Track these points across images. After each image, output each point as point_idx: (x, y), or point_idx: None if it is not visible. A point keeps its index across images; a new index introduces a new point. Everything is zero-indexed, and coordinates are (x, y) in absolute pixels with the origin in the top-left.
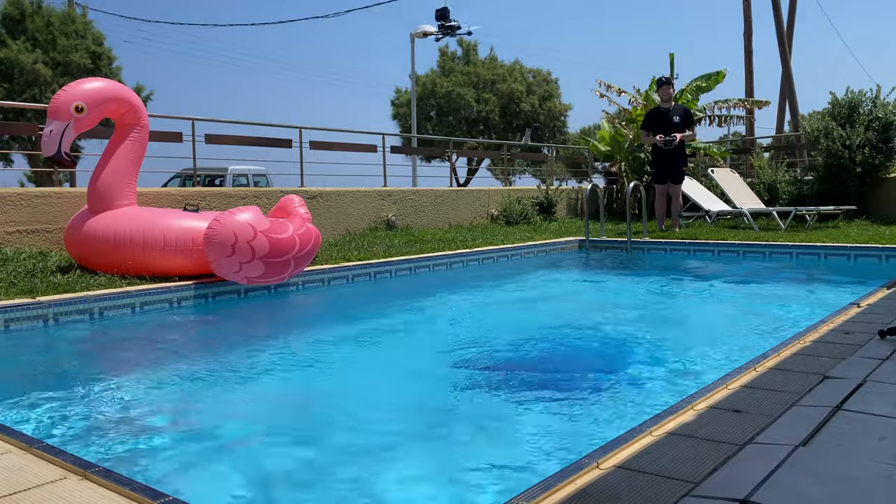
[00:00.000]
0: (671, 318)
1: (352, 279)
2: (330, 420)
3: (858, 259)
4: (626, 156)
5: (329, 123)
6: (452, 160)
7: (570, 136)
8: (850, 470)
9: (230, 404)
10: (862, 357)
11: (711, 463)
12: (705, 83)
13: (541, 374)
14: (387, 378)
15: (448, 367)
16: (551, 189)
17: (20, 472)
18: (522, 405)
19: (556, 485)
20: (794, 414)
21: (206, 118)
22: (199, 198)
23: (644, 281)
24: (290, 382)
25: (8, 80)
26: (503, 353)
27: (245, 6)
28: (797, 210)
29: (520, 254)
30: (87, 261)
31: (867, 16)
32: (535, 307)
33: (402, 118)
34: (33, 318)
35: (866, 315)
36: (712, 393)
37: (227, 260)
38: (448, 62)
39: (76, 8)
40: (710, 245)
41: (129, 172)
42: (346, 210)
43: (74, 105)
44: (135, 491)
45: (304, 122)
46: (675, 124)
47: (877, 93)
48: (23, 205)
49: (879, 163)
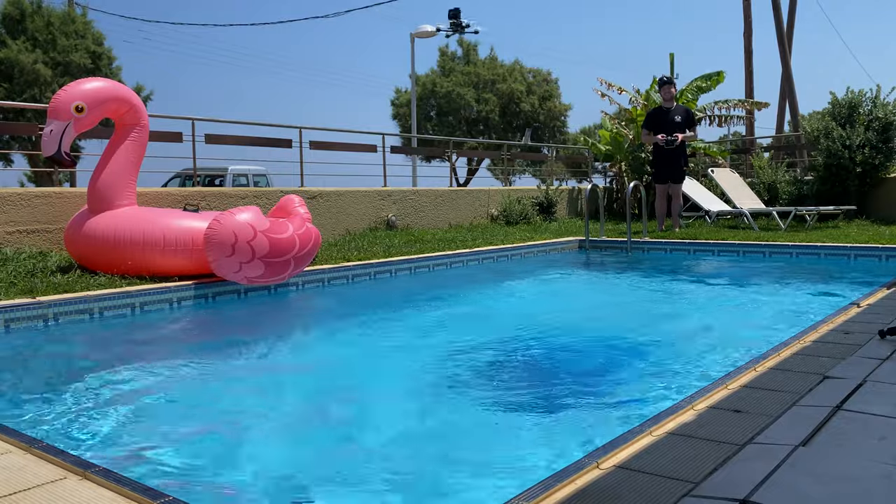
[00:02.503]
0: (671, 318)
1: (352, 279)
2: (330, 420)
3: (858, 259)
4: (626, 156)
5: (329, 123)
6: (452, 160)
7: (570, 136)
8: (850, 470)
9: (230, 404)
10: (862, 357)
11: (711, 463)
12: (705, 83)
13: (540, 374)
14: (387, 377)
15: (447, 367)
16: (551, 189)
17: (20, 472)
18: (522, 405)
19: (556, 485)
20: (794, 414)
21: (206, 118)
22: (199, 198)
23: (644, 281)
24: (290, 382)
25: (8, 80)
26: (502, 353)
27: (245, 6)
28: (797, 210)
29: (520, 254)
30: (87, 261)
31: (867, 16)
32: (535, 307)
33: (402, 118)
34: (33, 318)
35: (866, 315)
36: (712, 393)
37: (227, 260)
38: (448, 62)
39: (76, 8)
40: (710, 245)
41: (129, 172)
42: (346, 210)
43: (74, 105)
44: (135, 491)
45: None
46: (676, 124)
47: (877, 93)
48: (23, 205)
49: (879, 163)
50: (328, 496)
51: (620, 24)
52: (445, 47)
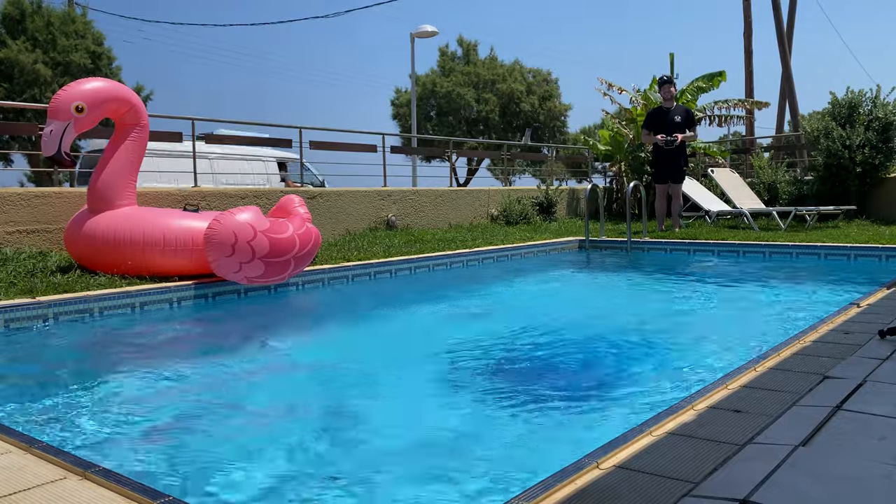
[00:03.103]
0: (671, 318)
1: (352, 279)
2: (329, 419)
3: (858, 259)
4: (626, 156)
5: (329, 123)
6: (452, 160)
7: (570, 136)
8: (850, 470)
9: (230, 404)
10: (862, 357)
11: (711, 463)
12: (706, 84)
13: (539, 374)
14: (386, 377)
15: (447, 367)
16: (551, 189)
17: (20, 472)
18: (521, 404)
19: (556, 485)
20: (794, 414)
21: (206, 118)
22: (199, 198)
23: (644, 281)
24: (290, 382)
25: (8, 80)
26: (502, 353)
27: (245, 6)
28: (797, 210)
29: (520, 254)
30: (87, 261)
31: (867, 16)
32: (534, 307)
33: (402, 118)
34: (33, 317)
35: (866, 315)
36: (712, 393)
37: (227, 260)
38: (448, 62)
39: (76, 8)
40: (710, 245)
41: (128, 172)
42: (346, 210)
43: (75, 105)
44: (135, 491)
45: (304, 122)
46: (676, 124)
47: (877, 93)
48: (23, 205)
49: (879, 163)
50: (329, 496)
51: (620, 24)
52: (445, 47)
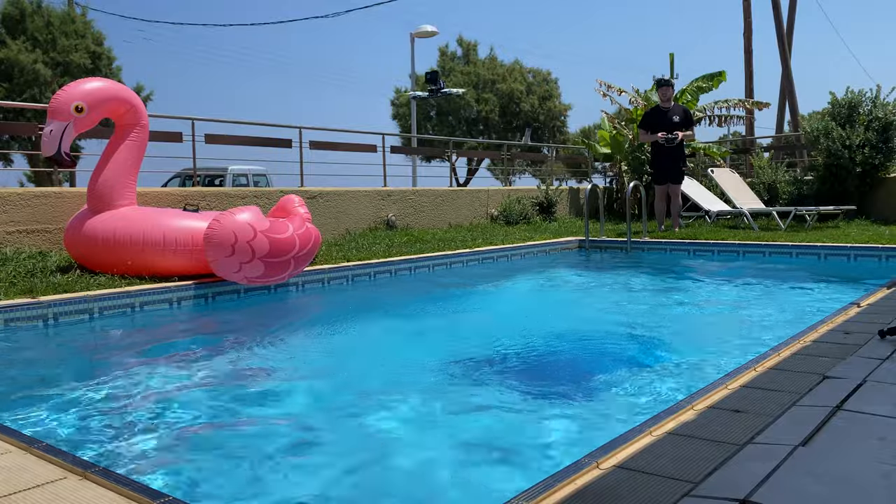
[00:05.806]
0: (671, 318)
1: (352, 279)
2: (329, 420)
3: (858, 259)
4: (626, 156)
5: (329, 123)
6: (452, 160)
7: (570, 136)
8: (850, 470)
9: (230, 404)
10: (862, 357)
11: (711, 463)
12: (706, 84)
13: (539, 373)
14: (387, 377)
15: (447, 366)
16: (551, 189)
17: (20, 472)
18: (520, 404)
19: (556, 485)
20: (794, 414)
21: (206, 118)
22: (199, 198)
23: (644, 281)
24: (290, 382)
25: (8, 80)
26: (502, 353)
27: (245, 6)
28: (797, 210)
29: (520, 254)
30: (87, 261)
31: (867, 16)
32: (534, 307)
33: (402, 118)
34: (33, 317)
35: (866, 315)
36: (712, 393)
37: (227, 260)
38: (448, 62)
39: (76, 8)
40: (710, 245)
41: (128, 172)
42: (346, 210)
43: (74, 105)
44: (135, 491)
45: (304, 122)
46: (675, 124)
47: (877, 93)
48: (23, 205)
49: (879, 163)
50: (330, 494)
51: (620, 24)
52: (445, 47)
